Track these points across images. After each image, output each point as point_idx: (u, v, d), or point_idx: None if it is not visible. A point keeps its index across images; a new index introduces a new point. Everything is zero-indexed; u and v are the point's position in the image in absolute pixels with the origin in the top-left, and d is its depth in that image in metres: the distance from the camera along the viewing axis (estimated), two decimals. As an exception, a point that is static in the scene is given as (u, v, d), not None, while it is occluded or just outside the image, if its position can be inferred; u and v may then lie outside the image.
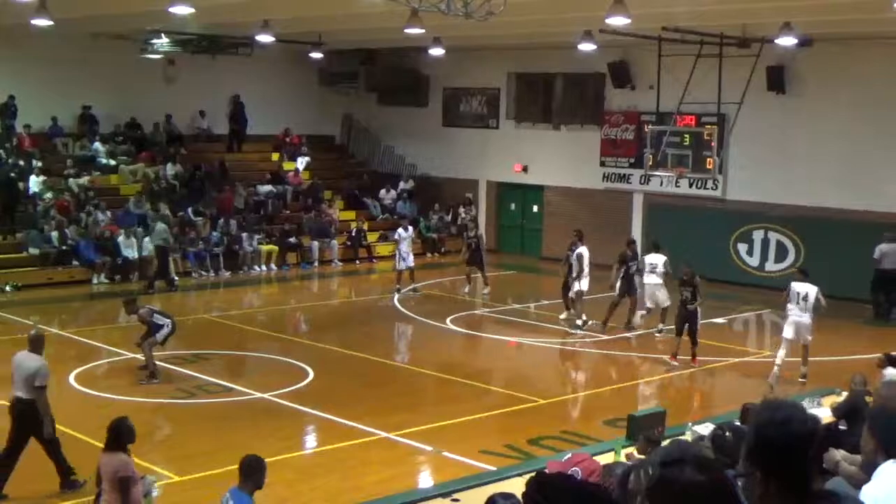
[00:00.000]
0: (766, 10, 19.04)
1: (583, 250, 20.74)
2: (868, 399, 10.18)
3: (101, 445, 9.08)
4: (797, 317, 16.50)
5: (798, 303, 16.55)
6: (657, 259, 20.55)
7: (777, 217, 25.80)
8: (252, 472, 8.04)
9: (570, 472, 6.00)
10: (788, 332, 16.56)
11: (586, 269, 20.56)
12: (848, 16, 19.32)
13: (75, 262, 25.10)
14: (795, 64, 24.89)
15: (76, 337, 19.59)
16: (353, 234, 29.82)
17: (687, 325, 17.73)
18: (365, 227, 30.37)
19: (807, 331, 16.54)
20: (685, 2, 17.13)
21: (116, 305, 23.68)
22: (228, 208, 28.70)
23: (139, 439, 9.17)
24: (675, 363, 17.82)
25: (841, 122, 24.59)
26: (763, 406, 3.43)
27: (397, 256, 24.32)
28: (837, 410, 10.56)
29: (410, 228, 25.33)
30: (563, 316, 21.31)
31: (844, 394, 11.46)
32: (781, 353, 16.40)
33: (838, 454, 6.85)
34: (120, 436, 8.94)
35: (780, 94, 25.31)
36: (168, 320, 16.47)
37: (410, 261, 24.18)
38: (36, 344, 11.53)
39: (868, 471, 5.61)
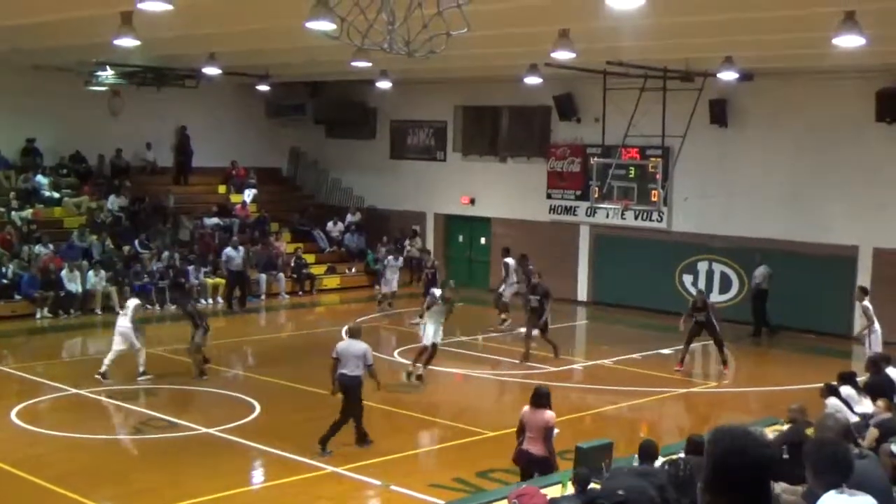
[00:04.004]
0: (707, 45, 19.34)
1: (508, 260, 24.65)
2: (809, 430, 10.27)
3: (42, 482, 9.01)
4: (512, 288, 23.74)
5: (510, 275, 23.90)
6: (514, 261, 24.30)
7: (721, 248, 26.13)
8: (653, 455, 9.70)
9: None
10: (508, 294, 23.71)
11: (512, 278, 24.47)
12: (787, 51, 19.69)
13: (17, 297, 24.76)
14: (737, 98, 25.29)
15: (18, 372, 19.27)
16: (294, 263, 29.68)
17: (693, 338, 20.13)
18: (312, 259, 30.26)
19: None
20: (629, 36, 17.33)
21: (60, 340, 23.48)
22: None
23: (82, 476, 9.09)
24: (679, 369, 20.06)
25: (782, 154, 25.01)
26: (718, 435, 3.42)
27: (381, 280, 26.55)
28: (776, 442, 10.60)
29: (401, 259, 27.17)
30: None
31: (787, 425, 11.55)
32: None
33: (778, 486, 6.94)
34: (543, 398, 11.27)
35: (723, 128, 25.69)
36: (203, 323, 18.87)
37: (393, 286, 26.31)
38: (356, 333, 14.65)
39: (810, 501, 5.70)
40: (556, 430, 11.35)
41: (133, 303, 18.89)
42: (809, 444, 5.53)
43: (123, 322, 18.44)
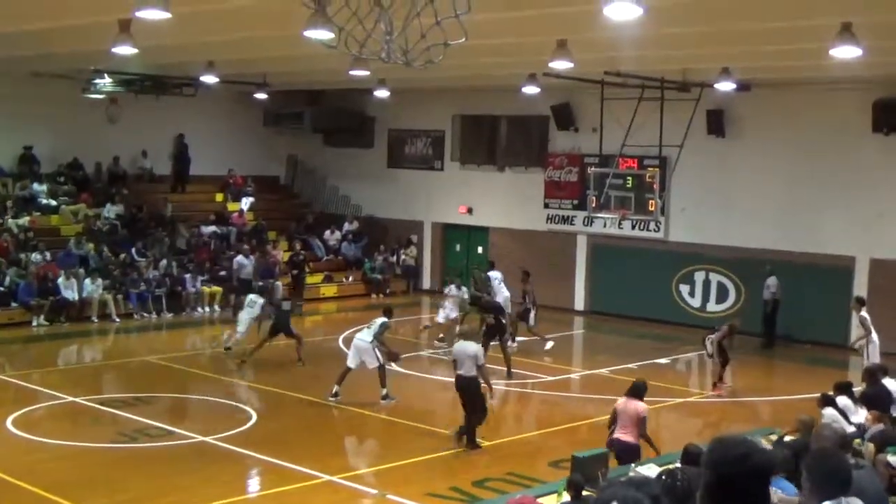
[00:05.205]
0: (705, 56, 19.39)
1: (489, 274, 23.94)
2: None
3: (37, 490, 9.04)
4: (505, 292, 22.85)
5: (499, 285, 23.08)
6: (499, 274, 23.65)
7: (718, 258, 26.15)
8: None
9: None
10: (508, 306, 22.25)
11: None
12: (784, 62, 19.72)
13: (14, 304, 24.73)
14: (734, 108, 25.34)
15: (14, 380, 19.24)
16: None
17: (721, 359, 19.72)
18: (308, 267, 30.22)
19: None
20: (627, 47, 17.36)
21: (56, 347, 23.44)
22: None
23: (78, 485, 9.07)
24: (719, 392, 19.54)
25: (779, 164, 25.05)
26: (717, 444, 3.44)
27: (442, 309, 23.74)
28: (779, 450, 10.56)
29: (464, 289, 24.08)
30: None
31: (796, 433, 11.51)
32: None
33: (775, 496, 6.93)
34: (638, 390, 12.36)
35: (720, 138, 25.73)
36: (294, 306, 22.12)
37: (452, 315, 23.36)
38: (468, 335, 15.84)
39: (807, 511, 5.69)
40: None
41: (259, 300, 21.52)
42: (809, 456, 5.52)
43: (248, 314, 21.33)
